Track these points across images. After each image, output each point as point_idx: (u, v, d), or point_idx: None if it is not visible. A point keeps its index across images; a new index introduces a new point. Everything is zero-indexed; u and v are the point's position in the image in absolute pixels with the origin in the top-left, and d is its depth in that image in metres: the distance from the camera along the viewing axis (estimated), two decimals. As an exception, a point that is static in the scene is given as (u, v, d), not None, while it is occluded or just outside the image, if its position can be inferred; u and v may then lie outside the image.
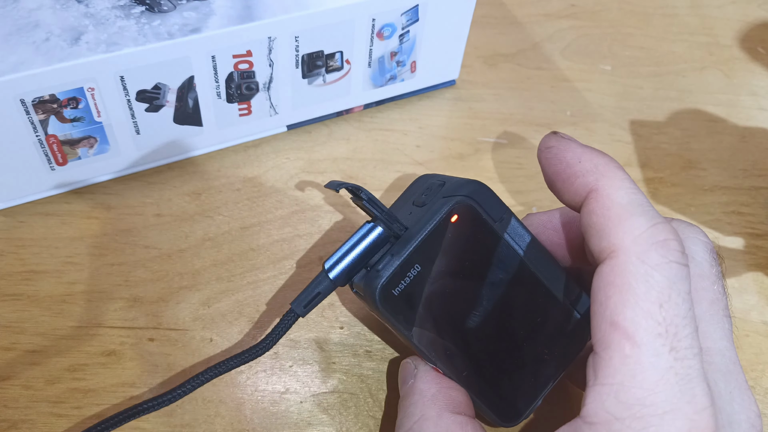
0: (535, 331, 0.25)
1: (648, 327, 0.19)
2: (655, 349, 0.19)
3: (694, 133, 0.40)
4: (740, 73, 0.44)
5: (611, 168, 0.22)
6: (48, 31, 0.29)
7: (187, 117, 0.33)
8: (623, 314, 0.20)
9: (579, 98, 0.41)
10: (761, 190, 0.38)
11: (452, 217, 0.23)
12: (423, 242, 0.23)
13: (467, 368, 0.25)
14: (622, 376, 0.19)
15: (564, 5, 0.46)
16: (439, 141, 0.38)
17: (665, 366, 0.19)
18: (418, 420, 0.24)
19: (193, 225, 0.33)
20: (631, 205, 0.21)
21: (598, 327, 0.20)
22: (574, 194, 0.22)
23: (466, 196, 0.24)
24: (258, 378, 0.29)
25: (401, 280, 0.23)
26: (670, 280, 0.20)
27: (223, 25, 0.30)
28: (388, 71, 0.37)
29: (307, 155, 0.36)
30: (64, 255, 0.32)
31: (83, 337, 0.30)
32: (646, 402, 0.19)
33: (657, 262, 0.20)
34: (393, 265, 0.23)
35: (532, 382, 0.25)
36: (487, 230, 0.24)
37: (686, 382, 0.19)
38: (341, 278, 0.24)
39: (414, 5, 0.34)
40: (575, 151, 0.23)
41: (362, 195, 0.24)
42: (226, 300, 0.31)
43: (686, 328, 0.20)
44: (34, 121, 0.29)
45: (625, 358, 0.19)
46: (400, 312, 0.23)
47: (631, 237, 0.20)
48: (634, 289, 0.20)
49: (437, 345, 0.24)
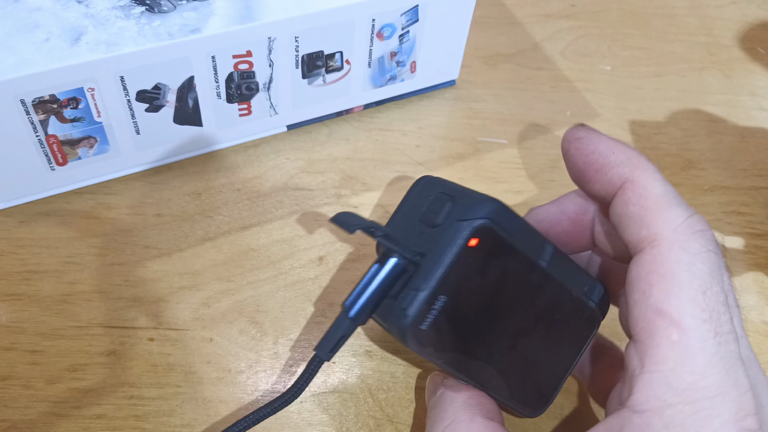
0: (555, 327, 0.25)
1: (694, 313, 0.20)
2: (702, 334, 0.20)
3: (694, 133, 0.40)
4: (740, 73, 0.44)
5: (644, 160, 0.22)
6: (48, 32, 0.29)
7: (187, 117, 0.33)
8: (669, 302, 0.20)
9: (579, 98, 0.41)
10: (761, 190, 0.38)
11: (471, 241, 0.23)
12: (446, 273, 0.22)
13: (495, 377, 0.25)
14: (672, 362, 0.20)
15: (564, 6, 0.46)
16: (439, 141, 0.38)
17: (712, 350, 0.20)
18: (449, 424, 0.24)
19: (193, 225, 0.33)
20: (667, 195, 0.21)
21: (642, 315, 0.21)
22: (606, 183, 0.23)
23: (485, 218, 0.23)
24: (258, 378, 0.29)
25: (428, 315, 0.22)
26: (710, 269, 0.20)
27: (223, 26, 0.30)
28: (388, 71, 0.37)
29: (307, 155, 0.36)
30: (64, 255, 0.32)
31: (83, 337, 0.30)
32: (698, 386, 0.19)
33: (698, 251, 0.20)
34: (419, 302, 0.22)
35: (554, 372, 0.26)
36: (506, 247, 0.23)
37: (730, 366, 0.20)
38: (362, 317, 0.24)
39: (414, 5, 0.34)
40: (608, 142, 0.23)
41: (378, 234, 0.23)
42: (226, 300, 0.31)
43: (725, 314, 0.20)
44: (34, 122, 0.29)
45: (673, 344, 0.20)
46: (429, 344, 0.23)
47: (671, 227, 0.21)
48: (678, 277, 0.20)
49: (466, 364, 0.24)
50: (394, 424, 0.29)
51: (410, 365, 0.30)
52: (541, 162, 0.38)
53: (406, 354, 0.30)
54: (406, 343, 0.23)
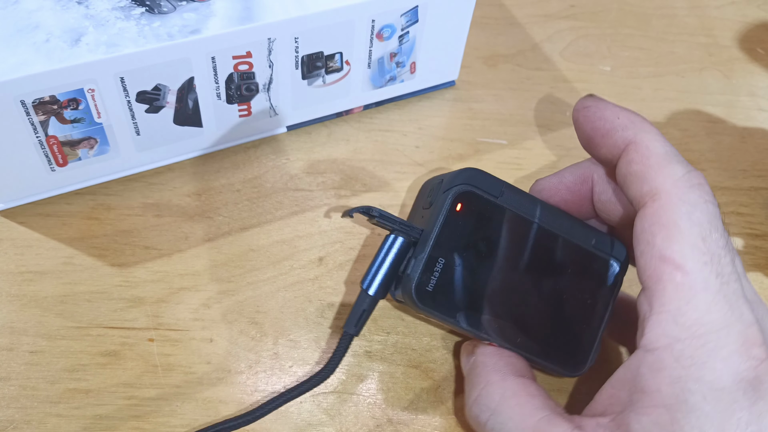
0: (570, 281, 0.27)
1: (695, 257, 0.22)
2: (703, 275, 0.21)
3: (694, 133, 0.40)
4: (739, 73, 0.44)
5: (646, 123, 0.24)
6: (48, 33, 0.29)
7: (187, 118, 0.33)
8: (671, 248, 0.22)
9: (578, 99, 0.41)
10: (760, 190, 0.38)
11: (457, 206, 0.26)
12: (438, 237, 0.25)
13: (519, 334, 0.26)
14: (677, 301, 0.21)
15: (563, 6, 0.46)
16: (439, 142, 0.38)
17: (715, 289, 0.21)
18: (484, 386, 0.25)
19: (193, 226, 0.33)
20: (668, 154, 0.23)
21: (648, 263, 0.22)
22: (612, 146, 0.25)
23: (463, 184, 0.26)
24: (258, 378, 0.29)
25: (431, 276, 0.25)
26: (708, 217, 0.22)
27: (222, 26, 0.30)
28: (388, 72, 0.37)
29: (307, 156, 0.37)
30: (64, 255, 0.32)
31: (83, 337, 0.30)
32: (703, 321, 0.21)
33: (696, 201, 0.22)
34: (419, 266, 0.25)
35: (585, 329, 0.27)
36: (493, 207, 0.26)
37: (734, 302, 0.21)
38: (379, 292, 0.27)
39: (413, 6, 0.34)
40: (613, 109, 0.25)
41: (374, 213, 0.26)
42: (226, 300, 0.31)
43: (726, 257, 0.22)
44: (34, 122, 0.29)
45: (678, 286, 0.22)
46: (440, 304, 0.25)
47: (671, 181, 0.23)
48: (678, 226, 0.22)
49: (484, 321, 0.26)
50: (393, 424, 0.29)
51: (410, 366, 0.30)
52: (541, 162, 0.38)
53: (406, 354, 0.31)
54: (416, 306, 0.25)
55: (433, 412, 0.29)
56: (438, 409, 0.29)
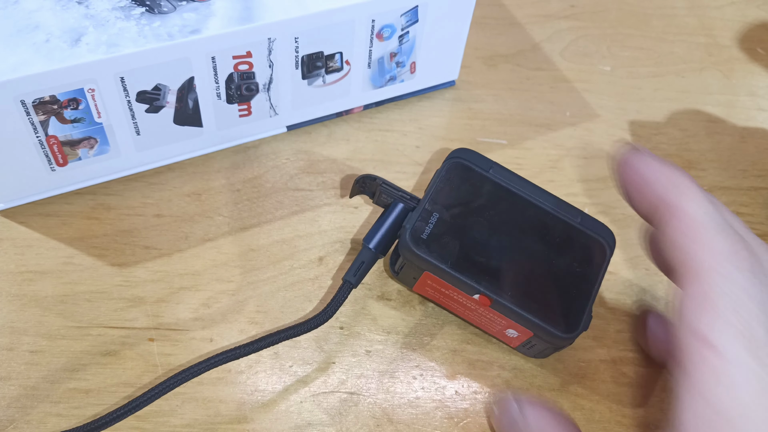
0: (557, 248, 0.29)
1: (732, 337, 0.21)
2: (740, 358, 0.20)
3: (694, 133, 0.40)
4: (739, 73, 0.44)
5: (689, 185, 0.23)
6: (48, 33, 0.29)
7: (187, 118, 0.33)
8: (708, 327, 0.21)
9: (578, 99, 0.41)
10: (760, 190, 0.38)
11: (451, 174, 0.30)
12: (432, 196, 0.29)
13: (510, 288, 0.28)
14: (711, 385, 0.21)
15: (563, 6, 0.46)
16: (439, 141, 0.38)
17: (752, 374, 0.20)
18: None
19: (193, 225, 0.33)
20: (711, 222, 0.22)
21: (683, 340, 0.21)
22: (648, 206, 0.24)
23: (456, 158, 0.31)
24: (258, 378, 0.29)
25: (425, 227, 0.29)
26: (749, 294, 0.21)
27: (222, 26, 0.30)
28: (388, 72, 0.37)
29: (307, 156, 0.37)
30: (64, 255, 0.32)
31: (83, 336, 0.30)
32: (736, 411, 0.20)
33: (737, 277, 0.21)
34: (413, 218, 0.29)
35: (576, 295, 0.29)
36: (482, 177, 0.30)
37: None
38: (379, 247, 0.30)
39: (413, 6, 0.34)
40: (653, 165, 0.24)
41: (378, 180, 0.30)
42: (226, 300, 0.31)
43: (765, 337, 0.21)
44: (34, 122, 0.29)
45: (713, 369, 0.21)
46: (433, 251, 0.28)
47: (711, 255, 0.22)
48: (715, 304, 0.21)
49: (476, 270, 0.28)
50: (394, 424, 0.29)
51: (410, 366, 0.30)
52: (541, 162, 0.38)
53: (405, 354, 0.31)
54: (411, 250, 0.28)
55: (434, 412, 0.29)
56: (439, 409, 0.29)
